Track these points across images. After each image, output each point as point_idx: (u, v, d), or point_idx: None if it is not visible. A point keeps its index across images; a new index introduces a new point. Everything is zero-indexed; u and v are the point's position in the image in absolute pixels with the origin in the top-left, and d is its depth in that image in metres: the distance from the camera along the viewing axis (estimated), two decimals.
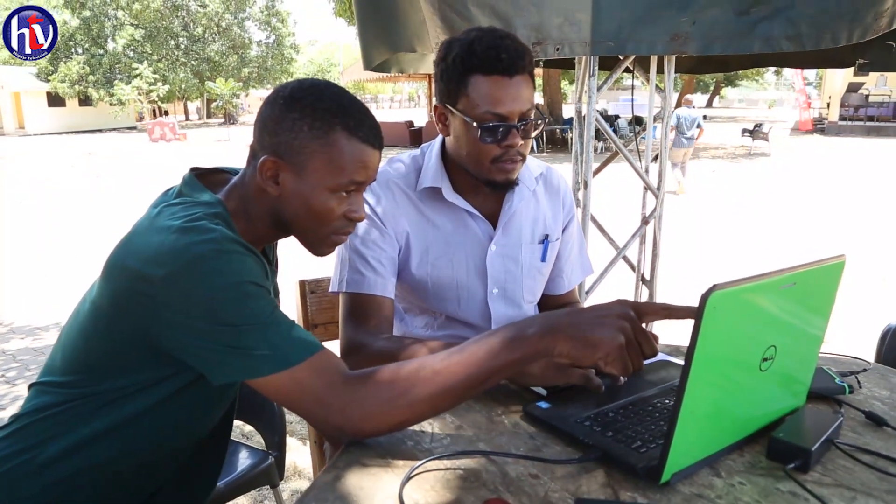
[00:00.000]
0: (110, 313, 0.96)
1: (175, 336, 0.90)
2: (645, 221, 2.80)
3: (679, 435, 0.79)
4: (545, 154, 16.38)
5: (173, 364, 0.95)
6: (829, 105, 24.86)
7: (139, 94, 30.74)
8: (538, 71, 19.14)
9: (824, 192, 10.08)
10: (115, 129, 33.10)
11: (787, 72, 22.77)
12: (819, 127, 23.86)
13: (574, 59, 2.77)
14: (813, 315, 0.96)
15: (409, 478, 0.85)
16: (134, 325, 0.93)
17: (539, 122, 1.31)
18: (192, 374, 0.98)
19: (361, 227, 1.35)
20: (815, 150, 17.00)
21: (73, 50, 32.60)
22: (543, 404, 1.05)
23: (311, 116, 0.98)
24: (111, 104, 31.48)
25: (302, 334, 0.93)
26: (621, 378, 1.11)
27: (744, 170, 13.45)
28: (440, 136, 1.40)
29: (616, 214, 4.61)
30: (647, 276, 2.88)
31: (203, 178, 1.08)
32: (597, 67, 2.26)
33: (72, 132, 31.44)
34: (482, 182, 1.32)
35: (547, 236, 1.49)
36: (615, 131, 14.69)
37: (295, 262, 1.99)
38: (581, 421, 0.98)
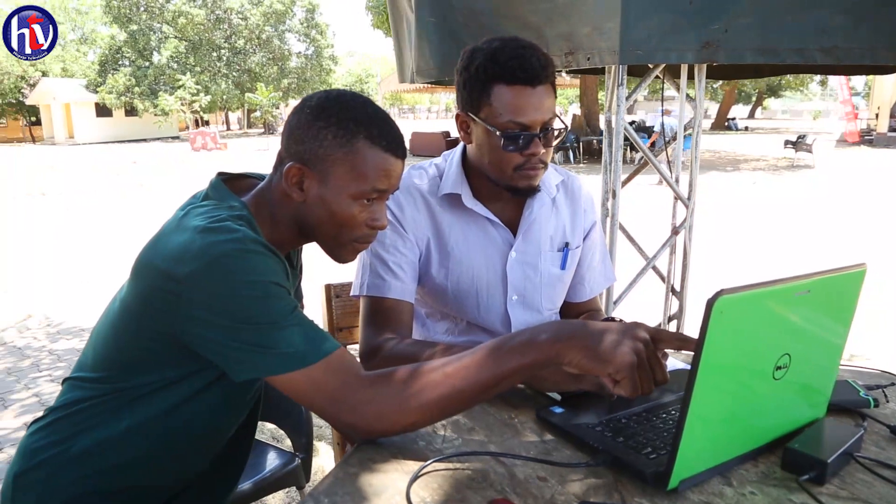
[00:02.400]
0: (138, 311, 0.99)
1: (198, 332, 0.93)
2: (675, 231, 2.76)
3: (687, 441, 0.79)
4: (581, 165, 16.26)
5: (198, 360, 0.98)
6: (877, 115, 24.13)
7: (182, 104, 31.60)
8: (574, 81, 19.06)
9: (870, 205, 9.77)
10: (158, 139, 34.02)
11: (832, 81, 22.20)
12: (867, 138, 23.19)
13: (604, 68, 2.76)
14: (831, 324, 0.95)
15: (416, 476, 0.87)
16: (160, 322, 0.96)
17: (560, 130, 1.31)
18: (217, 370, 1.01)
19: (383, 232, 1.38)
20: (862, 163, 16.53)
21: (120, 63, 33.68)
22: (557, 409, 1.05)
23: (336, 125, 1.01)
24: (155, 114, 32.42)
25: (320, 334, 0.95)
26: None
27: (785, 182, 13.15)
28: (461, 144, 1.41)
29: (647, 225, 4.56)
30: (677, 287, 2.84)
31: (230, 182, 1.12)
32: (625, 76, 2.25)
33: (118, 141, 32.42)
34: (504, 188, 1.34)
35: (567, 244, 1.49)
36: (654, 143, 14.50)
37: (321, 267, 2.02)
38: (593, 426, 0.98)
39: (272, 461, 1.83)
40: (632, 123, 18.94)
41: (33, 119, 37.52)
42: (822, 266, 0.88)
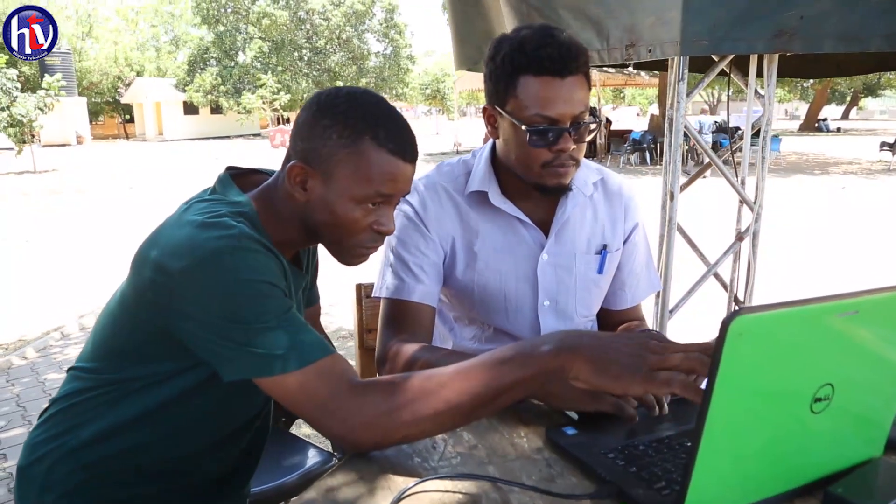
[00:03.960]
0: (134, 303, 0.98)
1: (188, 329, 0.91)
2: (739, 237, 2.58)
3: (699, 478, 0.69)
4: (658, 167, 15.72)
5: (192, 356, 0.95)
6: None
7: (263, 102, 32.68)
8: (653, 80, 18.46)
9: None
10: (241, 136, 35.37)
11: None
12: None
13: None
14: (889, 350, 0.81)
15: (400, 497, 0.80)
16: (154, 315, 0.94)
17: (594, 124, 1.22)
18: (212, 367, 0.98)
19: (405, 231, 1.32)
20: None
21: (207, 62, 35.17)
22: (570, 430, 0.96)
23: (342, 124, 0.96)
24: (238, 112, 33.68)
25: (313, 338, 0.90)
26: (657, 409, 0.99)
27: (879, 186, 12.26)
28: (491, 140, 1.34)
29: (713, 230, 4.32)
30: (741, 297, 2.65)
31: (239, 177, 1.09)
32: (686, 70, 2.10)
33: (204, 138, 33.92)
34: (533, 187, 1.25)
35: (605, 246, 1.39)
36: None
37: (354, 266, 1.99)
38: (605, 452, 0.88)
39: (311, 459, 1.81)
40: (713, 124, 18.20)
41: (127, 117, 39.71)
42: None
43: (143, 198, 11.42)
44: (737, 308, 0.64)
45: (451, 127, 26.70)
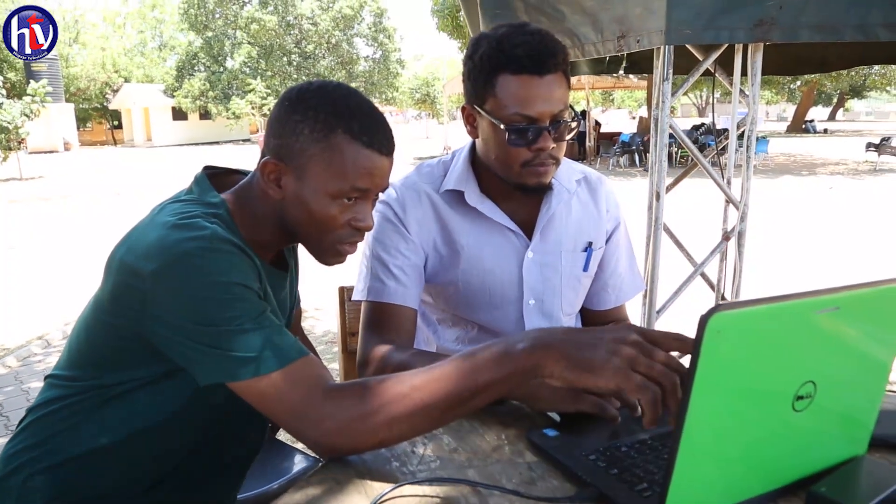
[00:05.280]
0: (108, 308, 0.95)
1: (161, 332, 0.89)
2: (726, 237, 2.57)
3: (679, 480, 0.67)
4: (647, 169, 15.77)
5: (168, 361, 0.93)
6: None
7: (252, 108, 32.55)
8: (642, 83, 18.54)
9: None
10: (230, 142, 35.20)
11: None
12: None
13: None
14: (872, 346, 0.80)
15: (376, 503, 0.78)
16: (127, 319, 0.92)
17: (574, 123, 1.20)
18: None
19: (385, 233, 1.30)
20: None
21: (195, 68, 35.00)
22: (551, 432, 0.94)
23: (314, 119, 0.94)
24: (227, 118, 33.52)
25: (286, 340, 0.88)
26: (639, 410, 0.98)
27: (865, 187, 12.35)
28: (470, 139, 1.32)
29: (699, 230, 4.32)
30: (729, 297, 2.65)
31: (216, 177, 1.07)
32: (671, 70, 2.10)
33: (193, 144, 33.75)
34: (513, 186, 1.24)
35: (590, 244, 1.38)
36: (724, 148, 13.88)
37: (336, 268, 1.97)
38: (587, 454, 0.87)
39: (297, 464, 1.79)
40: (701, 126, 18.28)
41: (115, 123, 39.42)
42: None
43: (130, 203, 11.33)
44: (715, 305, 0.62)
45: (440, 130, 26.70)
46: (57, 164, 21.12)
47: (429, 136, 36.07)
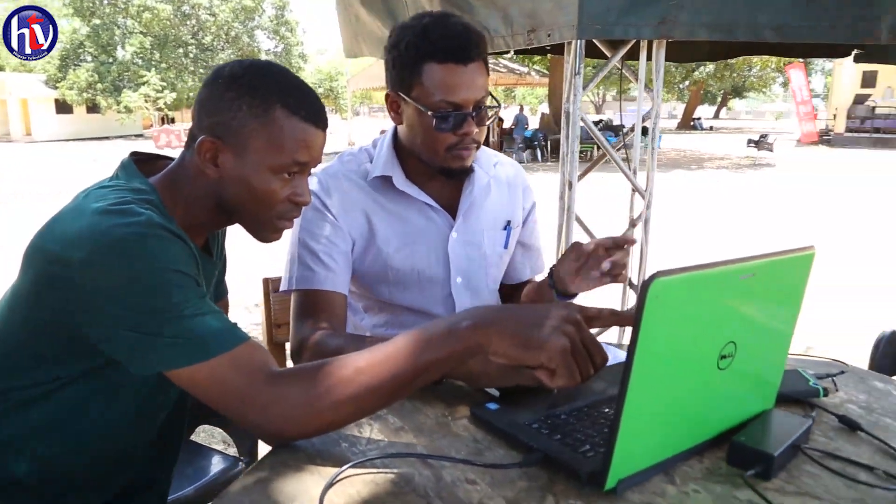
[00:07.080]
0: (29, 300, 0.90)
1: (91, 322, 0.85)
2: (632, 224, 2.72)
3: (624, 437, 0.72)
4: (549, 163, 16.28)
5: (92, 357, 0.89)
6: (835, 117, 24.77)
7: (146, 101, 30.89)
8: (543, 80, 19.10)
9: (827, 201, 9.98)
10: (121, 137, 33.20)
11: (793, 83, 22.81)
12: (825, 139, 23.75)
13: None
14: (778, 310, 0.89)
15: (332, 483, 0.79)
16: (52, 311, 0.88)
17: (493, 109, 1.27)
18: (117, 367, 0.92)
19: (312, 222, 1.30)
20: (820, 161, 16.90)
21: (81, 57, 32.77)
22: (492, 406, 0.98)
23: (250, 95, 0.94)
24: (118, 112, 31.62)
25: (225, 325, 0.87)
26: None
27: (747, 179, 13.36)
28: (393, 126, 1.35)
29: (608, 220, 4.54)
30: (635, 281, 2.81)
31: (143, 163, 1.03)
32: (582, 65, 2.21)
33: (79, 139, 31.55)
34: (437, 170, 1.29)
35: (508, 222, 1.47)
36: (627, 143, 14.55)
37: (261, 260, 1.94)
38: (529, 423, 0.91)
39: (215, 465, 1.73)
40: (599, 122, 19.06)
41: None
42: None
43: (9, 205, 10.48)
44: (655, 272, 0.67)
45: (344, 126, 26.38)
46: None
47: (332, 132, 35.46)
